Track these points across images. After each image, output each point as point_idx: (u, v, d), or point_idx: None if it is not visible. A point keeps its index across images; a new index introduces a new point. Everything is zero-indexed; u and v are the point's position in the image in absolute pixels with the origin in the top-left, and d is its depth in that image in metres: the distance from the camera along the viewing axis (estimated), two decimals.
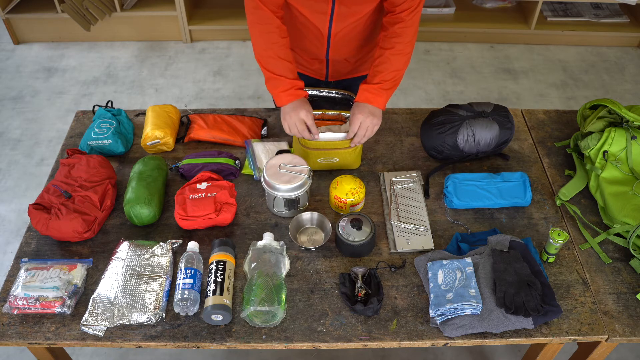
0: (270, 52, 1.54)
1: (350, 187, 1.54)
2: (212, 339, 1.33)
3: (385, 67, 1.55)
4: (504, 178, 1.63)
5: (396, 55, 1.55)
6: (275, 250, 1.42)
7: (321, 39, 1.62)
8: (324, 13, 1.52)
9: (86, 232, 1.48)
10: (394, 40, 1.54)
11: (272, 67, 1.55)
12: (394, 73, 1.56)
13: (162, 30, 3.62)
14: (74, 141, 1.82)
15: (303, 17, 1.55)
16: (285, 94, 1.56)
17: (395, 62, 1.55)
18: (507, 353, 2.13)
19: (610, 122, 1.67)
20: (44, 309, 1.34)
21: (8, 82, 3.36)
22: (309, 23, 1.56)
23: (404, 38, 1.53)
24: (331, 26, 1.55)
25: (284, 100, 1.56)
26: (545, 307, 1.33)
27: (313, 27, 1.57)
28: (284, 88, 1.55)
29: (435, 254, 1.45)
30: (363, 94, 1.56)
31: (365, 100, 1.56)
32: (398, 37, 1.53)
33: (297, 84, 1.57)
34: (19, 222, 2.60)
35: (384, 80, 1.55)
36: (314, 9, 1.51)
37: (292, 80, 1.56)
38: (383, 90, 1.56)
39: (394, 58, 1.55)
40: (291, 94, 1.56)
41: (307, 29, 1.60)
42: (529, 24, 3.53)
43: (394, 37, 1.54)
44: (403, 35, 1.53)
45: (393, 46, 1.54)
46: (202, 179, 1.57)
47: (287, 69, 1.55)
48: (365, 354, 2.12)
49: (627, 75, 3.44)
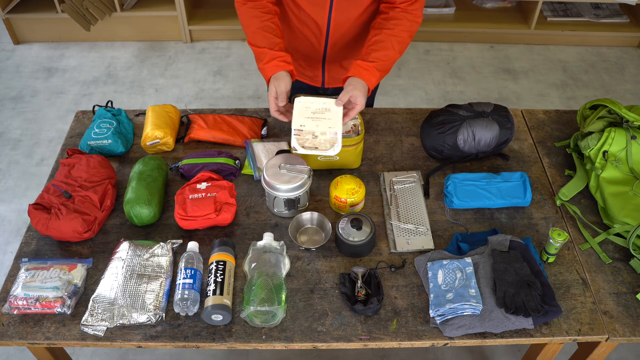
0: (253, 28, 1.51)
1: (350, 187, 1.54)
2: (212, 339, 1.33)
3: (382, 46, 1.51)
4: (504, 178, 1.63)
5: (394, 37, 1.51)
6: (275, 250, 1.42)
7: (319, 37, 1.62)
8: (322, 6, 1.52)
9: (86, 232, 1.48)
10: (393, 22, 1.51)
11: (256, 41, 1.51)
12: (389, 53, 1.52)
13: (162, 30, 3.62)
14: (74, 141, 1.82)
15: (302, 13, 1.55)
16: (268, 66, 1.49)
17: (392, 45, 1.51)
18: (507, 353, 2.13)
19: (610, 122, 1.67)
20: (44, 309, 1.34)
21: (8, 82, 3.36)
22: (307, 19, 1.56)
23: (403, 23, 1.51)
24: (330, 20, 1.55)
25: (267, 72, 1.50)
26: (545, 307, 1.33)
27: (312, 22, 1.57)
28: (267, 60, 1.49)
29: (435, 254, 1.45)
30: (356, 69, 1.50)
31: (358, 75, 1.50)
32: (397, 20, 1.51)
33: (280, 56, 1.49)
34: (19, 222, 2.60)
35: (378, 59, 1.50)
36: (312, 2, 1.51)
37: (275, 51, 1.49)
38: (376, 70, 1.51)
39: (392, 39, 1.51)
40: (275, 65, 1.48)
41: (306, 26, 1.59)
42: (529, 24, 3.53)
43: (393, 20, 1.51)
44: (403, 20, 1.51)
45: (391, 28, 1.51)
46: (202, 179, 1.57)
47: (271, 42, 1.49)
48: (365, 354, 2.12)
49: (627, 75, 3.44)
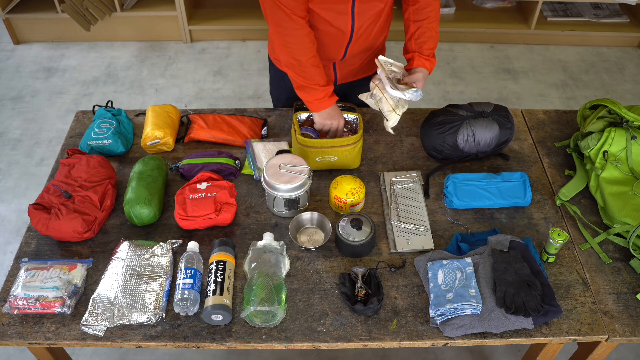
0: (302, 60, 1.57)
1: (350, 187, 1.54)
2: (212, 339, 1.33)
3: (429, 36, 1.66)
4: (504, 178, 1.63)
5: (433, 23, 1.66)
6: (275, 250, 1.42)
7: (342, 42, 1.65)
8: (345, 13, 1.55)
9: (86, 232, 1.48)
10: (427, 10, 1.64)
11: (304, 74, 1.60)
12: (435, 41, 1.68)
13: (162, 30, 3.62)
14: (74, 141, 1.82)
15: (326, 24, 1.58)
16: (318, 102, 1.64)
17: (433, 31, 1.67)
18: (507, 353, 2.13)
19: (610, 122, 1.67)
20: (44, 309, 1.34)
21: (8, 82, 3.36)
22: (331, 28, 1.59)
23: (434, 6, 1.64)
24: (353, 25, 1.59)
25: (317, 107, 1.65)
26: (545, 307, 1.33)
27: (336, 31, 1.60)
28: (318, 96, 1.63)
29: (435, 254, 1.45)
30: (420, 61, 1.67)
31: (422, 66, 1.67)
32: (428, 6, 1.64)
33: (329, 91, 1.64)
34: (19, 222, 2.60)
35: (431, 48, 1.68)
36: (335, 11, 1.55)
37: (324, 87, 1.62)
38: (433, 58, 1.70)
39: (433, 25, 1.66)
40: (325, 102, 1.64)
41: (329, 35, 1.62)
42: (529, 24, 3.53)
43: (426, 8, 1.64)
44: (432, 4, 1.64)
45: (428, 15, 1.64)
46: (202, 179, 1.57)
47: (320, 76, 1.61)
48: (365, 354, 2.12)
49: (627, 75, 3.44)
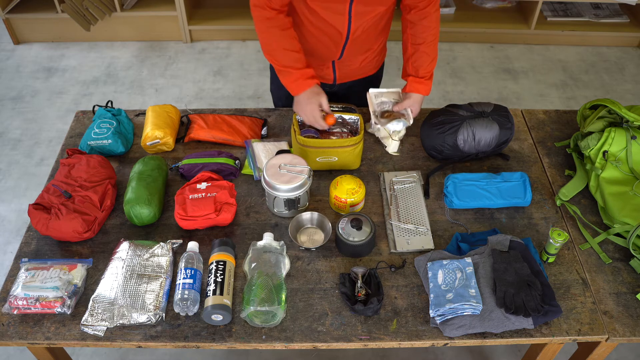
0: (274, 45, 1.59)
1: (350, 187, 1.54)
2: (212, 339, 1.33)
3: (425, 60, 1.69)
4: (504, 178, 1.63)
5: (430, 45, 1.68)
6: (275, 250, 1.42)
7: (339, 42, 1.66)
8: (342, 14, 1.56)
9: (86, 232, 1.48)
10: (424, 35, 1.66)
11: (278, 59, 1.61)
12: (433, 62, 1.71)
13: (162, 30, 3.62)
14: (74, 141, 1.82)
15: (321, 21, 1.59)
16: (295, 84, 1.63)
17: (431, 53, 1.69)
18: (507, 353, 2.13)
19: (610, 122, 1.67)
20: (44, 309, 1.34)
21: (8, 82, 3.36)
22: (327, 26, 1.61)
23: (432, 29, 1.66)
24: (350, 26, 1.60)
25: (295, 90, 1.64)
26: (545, 307, 1.33)
27: (331, 29, 1.61)
28: (293, 78, 1.62)
29: (435, 254, 1.45)
30: (413, 85, 1.71)
31: (416, 91, 1.72)
32: (426, 30, 1.65)
33: (306, 73, 1.62)
34: (19, 222, 2.60)
35: (427, 72, 1.71)
36: (332, 10, 1.56)
37: (300, 69, 1.61)
38: (429, 80, 1.73)
39: (430, 49, 1.68)
40: (301, 84, 1.62)
41: (324, 33, 1.64)
42: (529, 24, 3.53)
43: (423, 33, 1.66)
44: (430, 26, 1.66)
45: (425, 40, 1.67)
46: (202, 179, 1.57)
47: (293, 59, 1.60)
48: (365, 354, 2.12)
49: (627, 75, 3.44)
